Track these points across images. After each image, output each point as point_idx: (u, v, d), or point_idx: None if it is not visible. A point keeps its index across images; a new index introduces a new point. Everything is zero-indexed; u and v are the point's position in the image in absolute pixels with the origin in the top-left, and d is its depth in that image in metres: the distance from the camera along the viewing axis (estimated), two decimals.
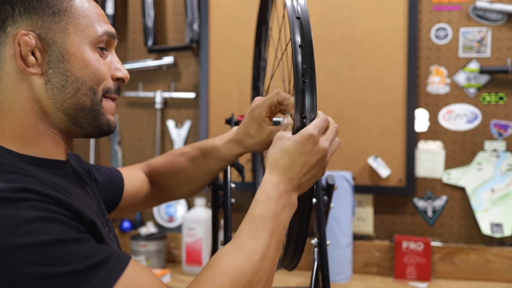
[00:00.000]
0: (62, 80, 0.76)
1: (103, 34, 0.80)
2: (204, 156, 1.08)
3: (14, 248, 0.60)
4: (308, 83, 0.79)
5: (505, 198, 1.75)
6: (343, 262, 1.73)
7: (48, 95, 0.76)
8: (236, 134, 1.04)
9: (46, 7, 0.76)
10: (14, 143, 0.75)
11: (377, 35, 1.79)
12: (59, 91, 0.76)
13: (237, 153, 1.05)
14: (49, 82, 0.76)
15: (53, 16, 0.76)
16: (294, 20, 0.82)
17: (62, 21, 0.76)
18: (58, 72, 0.76)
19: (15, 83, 0.75)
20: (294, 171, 0.79)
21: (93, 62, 0.78)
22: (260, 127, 1.00)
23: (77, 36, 0.77)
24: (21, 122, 0.76)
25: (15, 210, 0.63)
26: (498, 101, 1.77)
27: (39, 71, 0.75)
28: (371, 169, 1.80)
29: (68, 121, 0.79)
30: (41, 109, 0.77)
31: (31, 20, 0.75)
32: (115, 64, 0.83)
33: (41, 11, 0.75)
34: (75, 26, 0.77)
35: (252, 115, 1.00)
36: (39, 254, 0.61)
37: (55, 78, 0.76)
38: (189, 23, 1.92)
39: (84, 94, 0.78)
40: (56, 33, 0.76)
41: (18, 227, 0.61)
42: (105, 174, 1.05)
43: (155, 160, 1.15)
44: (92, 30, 0.79)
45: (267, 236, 0.75)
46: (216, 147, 1.06)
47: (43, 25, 0.75)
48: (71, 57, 0.76)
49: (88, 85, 0.78)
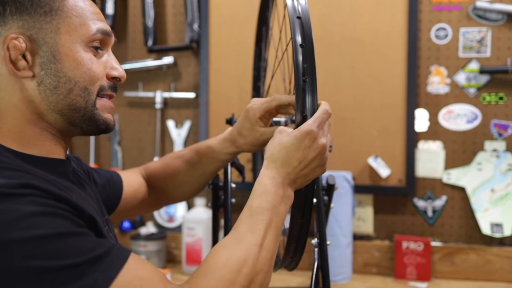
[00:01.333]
0: (54, 81, 0.75)
1: (97, 32, 0.78)
2: (200, 157, 1.09)
3: (13, 242, 0.60)
4: (308, 82, 0.79)
5: (505, 198, 1.75)
6: (343, 262, 1.73)
7: (41, 96, 0.75)
8: (230, 133, 1.06)
9: (38, 7, 0.74)
10: (13, 142, 0.75)
11: (377, 35, 1.80)
12: (52, 92, 0.75)
13: (230, 152, 1.06)
14: (42, 84, 0.75)
15: (44, 15, 0.75)
16: (294, 19, 0.82)
17: (54, 20, 0.75)
18: (50, 74, 0.75)
19: (8, 84, 0.75)
20: (291, 166, 0.80)
21: (85, 62, 0.77)
22: (252, 127, 1.00)
23: (69, 35, 0.76)
24: (17, 122, 0.76)
25: (14, 205, 0.63)
26: (498, 101, 1.77)
27: (30, 73, 0.75)
28: (371, 169, 1.80)
29: (64, 121, 0.78)
30: (36, 110, 0.76)
31: (22, 21, 0.74)
32: (110, 63, 0.81)
33: (32, 10, 0.74)
34: (67, 26, 0.76)
35: (246, 115, 1.01)
36: (38, 248, 0.61)
37: (47, 79, 0.75)
38: (189, 23, 1.92)
39: (77, 95, 0.77)
40: (48, 33, 0.75)
41: (17, 222, 0.61)
42: (104, 177, 1.05)
43: (152, 164, 1.16)
44: (85, 29, 0.77)
45: (265, 227, 0.76)
46: (211, 146, 1.08)
47: (34, 25, 0.74)
48: (63, 58, 0.75)
49: (81, 86, 0.77)
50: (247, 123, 1.01)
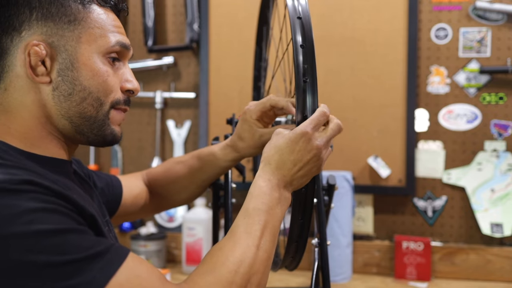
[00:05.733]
0: (69, 88, 0.77)
1: (116, 44, 0.80)
2: (201, 163, 1.09)
3: (14, 236, 0.61)
4: (309, 82, 0.79)
5: (505, 198, 1.75)
6: (343, 262, 1.73)
7: (54, 101, 0.77)
8: (230, 139, 1.07)
9: (63, 15, 0.76)
10: (19, 142, 0.76)
11: (377, 35, 1.80)
12: (66, 99, 0.77)
13: (231, 158, 1.06)
14: (57, 89, 0.76)
15: (68, 24, 0.76)
16: (295, 20, 0.82)
17: (77, 29, 0.77)
18: (67, 80, 0.76)
19: (24, 86, 0.76)
20: (286, 168, 0.81)
21: (102, 73, 0.79)
22: (251, 129, 1.01)
23: (89, 45, 0.78)
24: (26, 123, 0.77)
25: (15, 201, 0.63)
26: (498, 101, 1.77)
27: (48, 79, 0.76)
28: (371, 169, 1.80)
29: (72, 129, 0.79)
30: (46, 114, 0.77)
31: (46, 27, 0.75)
32: (126, 76, 0.83)
33: (57, 18, 0.76)
34: (88, 36, 0.78)
35: (244, 118, 1.03)
36: (38, 242, 0.61)
37: (63, 85, 0.76)
38: (189, 23, 1.92)
39: (90, 104, 0.78)
40: (69, 41, 0.76)
41: (18, 216, 0.62)
42: (104, 180, 1.06)
43: (153, 169, 1.17)
44: (104, 40, 0.79)
45: (261, 229, 0.77)
46: (213, 153, 1.08)
47: (57, 32, 0.76)
48: (81, 66, 0.77)
49: (94, 96, 0.78)
50: (245, 125, 1.02)
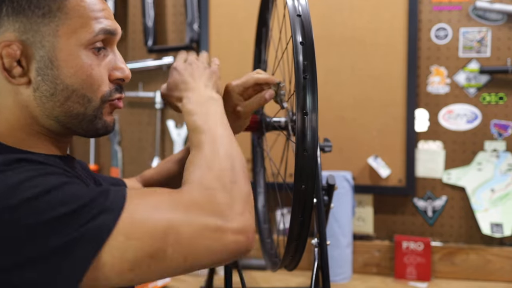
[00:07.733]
0: (51, 88, 0.72)
1: (99, 33, 0.74)
2: None
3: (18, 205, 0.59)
4: (309, 79, 0.79)
5: (505, 198, 1.75)
6: (343, 262, 1.73)
7: (37, 102, 0.72)
8: None
9: (36, 8, 0.70)
10: (11, 141, 0.74)
11: (377, 35, 1.79)
12: (48, 99, 0.72)
13: None
14: (38, 90, 0.72)
15: (42, 17, 0.70)
16: (295, 17, 0.82)
17: (53, 22, 0.71)
18: (47, 80, 0.71)
19: (2, 89, 0.73)
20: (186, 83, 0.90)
21: (85, 68, 0.73)
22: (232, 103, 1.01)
23: (68, 39, 0.71)
24: (11, 125, 0.74)
25: (12, 174, 0.62)
26: (498, 101, 1.77)
27: (25, 80, 0.72)
28: (371, 169, 1.80)
29: (60, 127, 0.76)
30: (30, 115, 0.74)
31: (18, 23, 0.70)
32: (115, 63, 0.78)
33: (30, 12, 0.70)
34: (66, 28, 0.71)
35: (226, 90, 1.02)
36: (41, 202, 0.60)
37: (43, 86, 0.71)
38: (189, 23, 1.92)
39: (75, 102, 0.73)
40: (45, 36, 0.70)
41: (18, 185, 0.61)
42: (108, 181, 1.05)
43: (147, 171, 1.17)
44: (86, 31, 0.72)
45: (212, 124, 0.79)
46: None
47: (31, 28, 0.70)
48: (61, 63, 0.71)
49: (79, 93, 0.73)
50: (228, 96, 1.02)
